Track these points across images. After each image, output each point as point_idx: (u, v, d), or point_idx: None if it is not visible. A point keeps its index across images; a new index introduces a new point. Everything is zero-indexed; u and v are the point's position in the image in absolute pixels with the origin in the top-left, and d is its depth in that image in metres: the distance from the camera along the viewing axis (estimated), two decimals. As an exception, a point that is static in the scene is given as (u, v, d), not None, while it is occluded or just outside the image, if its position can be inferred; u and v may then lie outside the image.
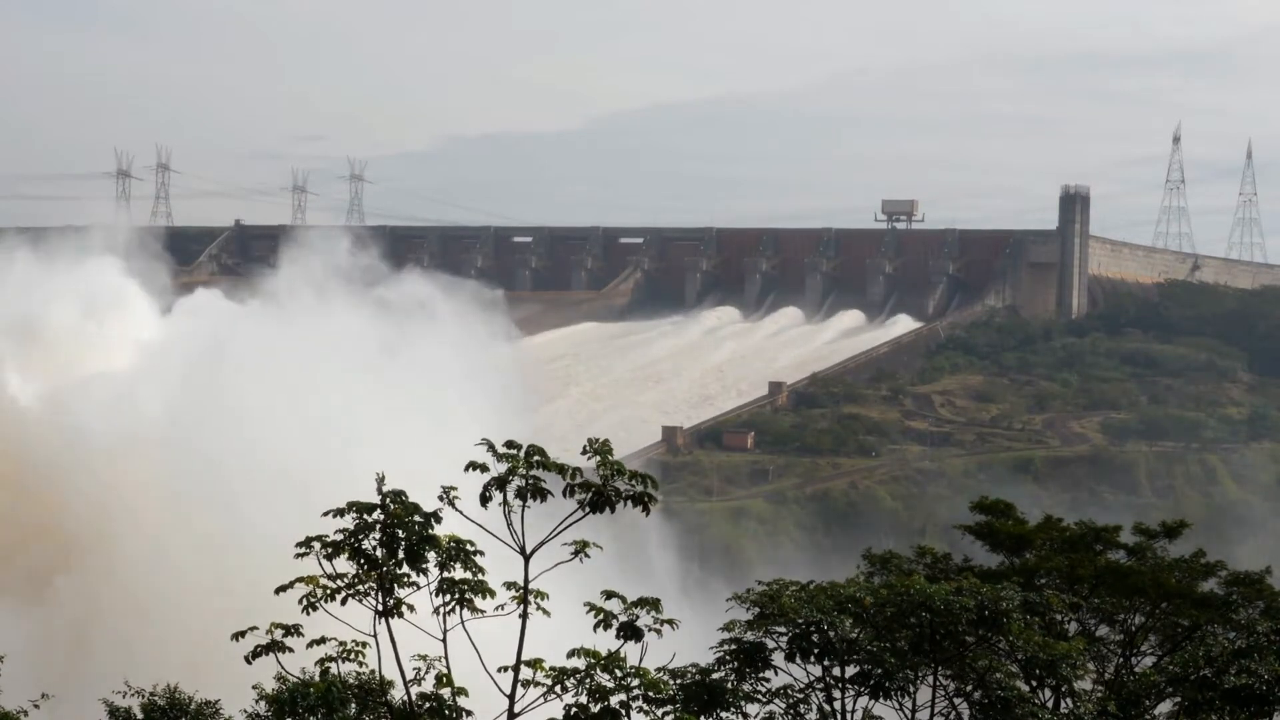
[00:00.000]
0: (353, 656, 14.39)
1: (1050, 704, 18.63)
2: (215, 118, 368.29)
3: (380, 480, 13.89)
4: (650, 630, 14.58)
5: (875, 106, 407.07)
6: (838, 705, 17.82)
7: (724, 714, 16.90)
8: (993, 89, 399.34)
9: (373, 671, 14.49)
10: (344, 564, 13.93)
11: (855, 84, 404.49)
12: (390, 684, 14.51)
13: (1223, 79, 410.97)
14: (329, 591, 13.84)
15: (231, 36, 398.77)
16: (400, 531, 13.83)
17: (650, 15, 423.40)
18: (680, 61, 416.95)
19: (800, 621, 17.46)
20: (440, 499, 14.00)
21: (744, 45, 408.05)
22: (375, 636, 14.05)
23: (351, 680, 14.52)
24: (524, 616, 13.98)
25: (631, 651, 14.61)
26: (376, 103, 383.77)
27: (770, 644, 17.73)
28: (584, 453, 13.88)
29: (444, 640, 14.04)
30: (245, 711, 15.77)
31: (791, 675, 17.97)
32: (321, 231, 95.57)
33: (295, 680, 14.31)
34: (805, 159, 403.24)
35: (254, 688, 14.97)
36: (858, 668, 17.71)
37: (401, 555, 13.88)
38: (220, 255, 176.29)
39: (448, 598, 13.87)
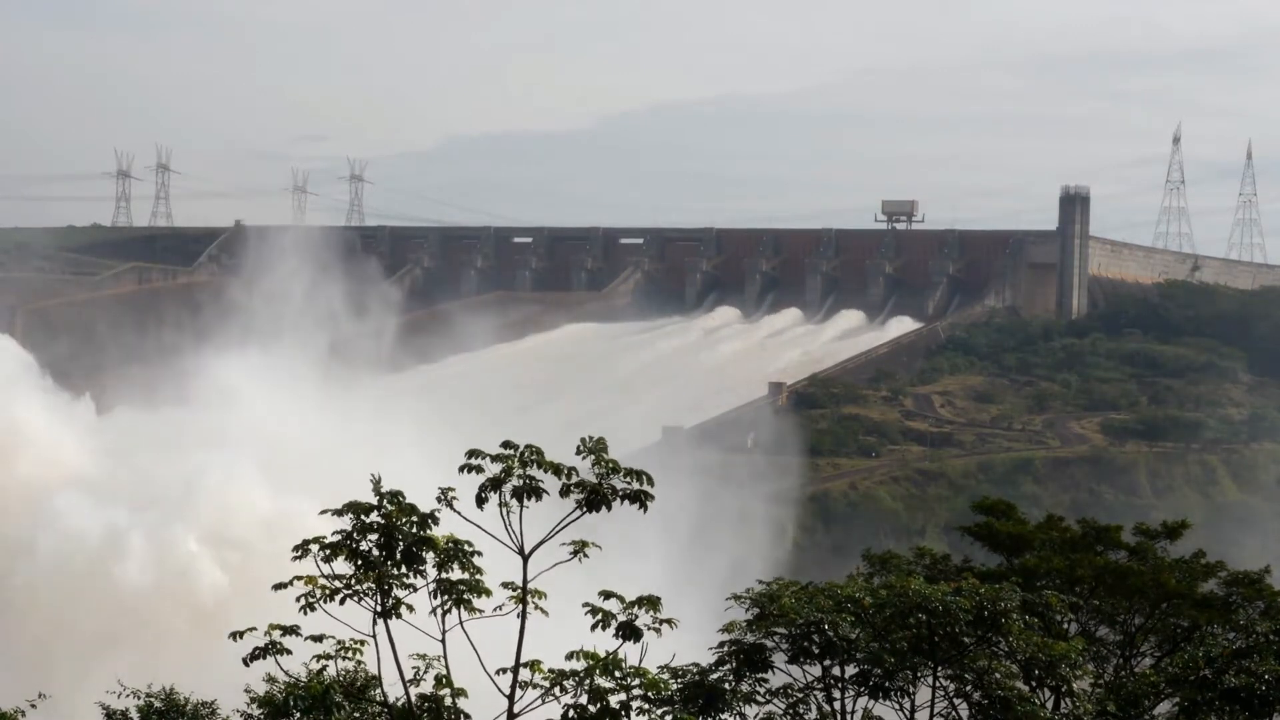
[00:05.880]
0: (349, 655, 14.36)
1: (1050, 704, 18.61)
2: (215, 118, 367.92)
3: (376, 482, 13.85)
4: (649, 630, 14.54)
5: (876, 106, 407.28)
6: (837, 705, 17.81)
7: (723, 714, 16.88)
8: (997, 89, 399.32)
9: (360, 664, 14.44)
10: (342, 566, 13.89)
11: (857, 84, 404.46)
12: (377, 679, 14.49)
13: (1226, 79, 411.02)
14: (328, 591, 13.79)
15: (231, 37, 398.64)
16: (397, 533, 13.80)
17: (650, 15, 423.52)
18: (680, 61, 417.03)
19: (800, 622, 17.44)
20: (438, 500, 13.97)
21: (745, 45, 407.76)
22: (374, 637, 14.02)
23: (340, 678, 14.48)
24: (523, 617, 13.95)
25: (631, 651, 14.57)
26: (377, 103, 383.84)
27: (769, 644, 17.71)
28: (579, 452, 13.86)
29: (443, 641, 14.01)
30: (239, 712, 15.73)
31: (790, 675, 17.96)
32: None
33: (291, 680, 14.28)
34: (805, 159, 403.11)
35: (246, 690, 14.93)
36: (857, 668, 17.71)
37: (399, 556, 13.84)
38: (220, 255, 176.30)
39: (445, 598, 13.83)
